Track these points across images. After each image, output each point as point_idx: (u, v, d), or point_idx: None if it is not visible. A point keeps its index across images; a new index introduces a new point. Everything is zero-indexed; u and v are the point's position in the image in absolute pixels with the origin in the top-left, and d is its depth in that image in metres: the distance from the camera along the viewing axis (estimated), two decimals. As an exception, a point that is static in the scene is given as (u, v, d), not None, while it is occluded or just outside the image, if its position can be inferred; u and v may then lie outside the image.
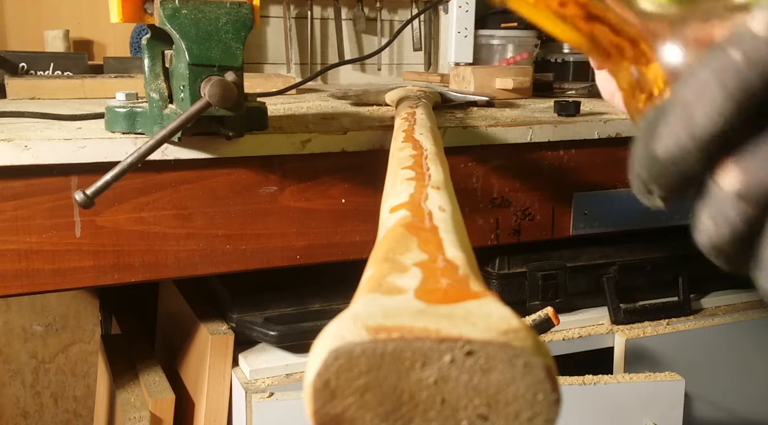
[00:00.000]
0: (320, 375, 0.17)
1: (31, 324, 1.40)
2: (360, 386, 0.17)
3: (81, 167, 0.67)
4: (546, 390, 0.17)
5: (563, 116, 0.92)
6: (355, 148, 0.77)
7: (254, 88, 1.11)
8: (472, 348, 0.17)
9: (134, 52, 1.33)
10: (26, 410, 1.43)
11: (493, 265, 0.95)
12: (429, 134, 0.52)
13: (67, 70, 1.16)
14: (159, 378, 1.04)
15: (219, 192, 0.73)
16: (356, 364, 0.17)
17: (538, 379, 0.17)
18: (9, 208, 0.66)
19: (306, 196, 0.76)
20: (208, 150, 0.71)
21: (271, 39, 1.44)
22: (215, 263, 0.74)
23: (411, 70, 1.55)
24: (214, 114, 0.62)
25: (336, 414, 0.17)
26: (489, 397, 0.17)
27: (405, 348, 0.17)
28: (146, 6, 0.65)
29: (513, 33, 1.44)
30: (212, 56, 0.62)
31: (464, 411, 0.17)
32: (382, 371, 0.17)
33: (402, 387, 0.17)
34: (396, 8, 1.53)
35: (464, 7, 1.42)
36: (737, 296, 1.09)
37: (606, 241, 0.99)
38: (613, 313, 0.98)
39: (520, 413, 0.17)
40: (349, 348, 0.17)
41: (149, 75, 0.69)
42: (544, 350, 0.17)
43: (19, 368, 1.41)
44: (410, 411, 0.17)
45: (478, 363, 0.17)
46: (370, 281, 0.21)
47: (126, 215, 0.70)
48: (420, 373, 0.17)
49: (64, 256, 0.68)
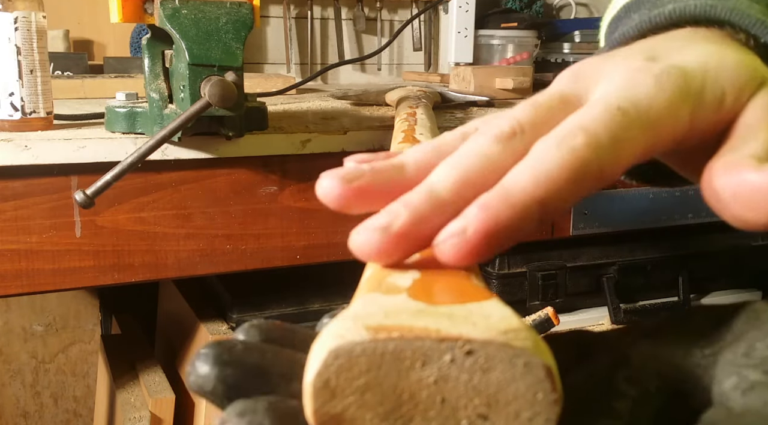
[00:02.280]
0: (320, 374, 0.17)
1: (31, 324, 1.40)
2: (360, 385, 0.17)
3: (81, 167, 0.67)
4: (546, 389, 0.17)
5: (563, 116, 0.91)
6: (355, 148, 0.77)
7: (254, 88, 1.11)
8: (472, 347, 0.17)
9: (134, 52, 1.33)
10: (26, 410, 1.43)
11: (493, 265, 0.95)
12: (429, 134, 0.52)
13: (67, 70, 1.16)
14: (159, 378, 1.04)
15: (219, 192, 0.73)
16: (356, 363, 0.17)
17: (538, 379, 0.17)
18: (9, 208, 0.66)
19: (306, 196, 0.76)
20: (208, 150, 0.71)
21: (271, 39, 1.44)
22: (215, 263, 0.74)
23: (411, 70, 1.55)
24: (214, 114, 0.62)
25: (336, 413, 0.17)
26: (489, 397, 0.17)
27: (405, 348, 0.17)
28: (146, 6, 0.65)
29: (513, 33, 1.44)
30: (212, 56, 0.62)
31: (464, 410, 0.17)
32: (382, 370, 0.17)
33: (402, 387, 0.17)
34: (396, 8, 1.53)
35: (464, 7, 1.42)
36: (737, 297, 1.09)
37: (606, 241, 0.99)
38: (613, 313, 0.98)
39: (520, 412, 0.17)
40: (349, 347, 0.17)
41: (149, 75, 0.69)
42: (544, 350, 0.17)
43: (19, 368, 1.41)
44: (410, 410, 0.17)
45: (478, 363, 0.17)
46: (370, 281, 0.21)
47: (126, 215, 0.70)
48: (420, 373, 0.17)
49: (64, 256, 0.68)
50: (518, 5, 1.56)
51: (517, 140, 0.24)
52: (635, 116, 0.23)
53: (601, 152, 0.22)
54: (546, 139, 0.23)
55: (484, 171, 0.23)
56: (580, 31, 1.49)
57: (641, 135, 0.23)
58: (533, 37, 1.45)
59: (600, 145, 0.22)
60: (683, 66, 0.25)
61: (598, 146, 0.22)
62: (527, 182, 0.21)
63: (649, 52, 0.27)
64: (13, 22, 0.66)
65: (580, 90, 0.26)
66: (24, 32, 0.66)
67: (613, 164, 0.23)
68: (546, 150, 0.22)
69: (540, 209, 0.21)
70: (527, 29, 1.44)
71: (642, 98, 0.24)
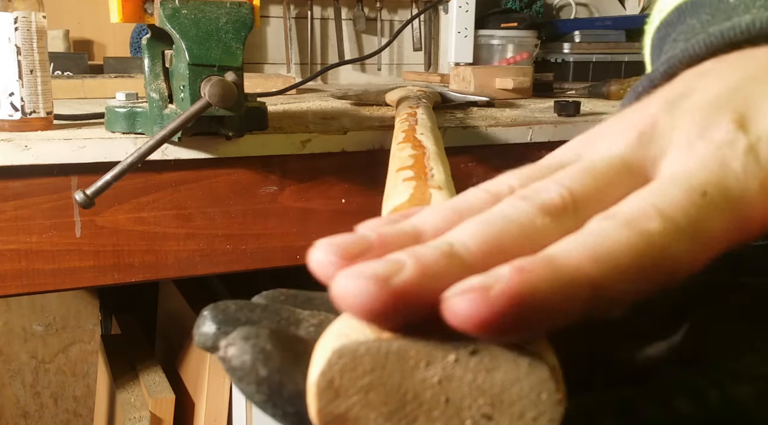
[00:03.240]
0: (324, 374, 0.17)
1: (31, 324, 1.40)
2: (364, 385, 0.17)
3: (81, 167, 0.67)
4: (550, 389, 0.17)
5: (563, 116, 0.92)
6: (355, 148, 0.77)
7: (254, 88, 1.11)
8: (476, 347, 0.17)
9: (134, 52, 1.33)
10: (26, 410, 1.43)
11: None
12: (430, 133, 0.52)
13: (67, 70, 1.16)
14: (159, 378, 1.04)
15: (219, 192, 0.73)
16: (360, 363, 0.17)
17: (542, 379, 0.17)
18: (9, 208, 0.66)
19: (306, 196, 0.76)
20: (208, 150, 0.71)
21: (271, 39, 1.44)
22: (215, 263, 0.74)
23: (411, 70, 1.55)
24: (214, 114, 0.62)
25: (340, 413, 0.17)
26: (493, 397, 0.17)
27: (409, 347, 0.17)
28: (146, 6, 0.65)
29: (513, 33, 1.44)
30: (212, 56, 0.62)
31: (468, 410, 0.17)
32: (387, 370, 0.17)
33: (406, 387, 0.17)
34: (396, 8, 1.53)
35: (464, 7, 1.42)
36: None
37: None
38: (613, 313, 0.98)
39: (525, 413, 0.17)
40: (354, 346, 0.17)
41: (149, 75, 0.69)
42: (548, 350, 0.17)
43: (19, 368, 1.41)
44: (414, 410, 0.17)
45: (482, 363, 0.17)
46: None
47: (126, 215, 0.70)
48: (424, 372, 0.17)
49: (64, 256, 0.68)
50: (518, 5, 1.56)
51: (569, 216, 0.20)
52: (723, 204, 0.20)
53: (680, 240, 0.19)
54: (609, 215, 0.19)
55: (523, 239, 0.19)
56: (580, 31, 1.49)
57: (731, 227, 0.20)
58: (533, 37, 1.45)
59: (680, 232, 0.19)
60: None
61: (677, 233, 0.19)
62: (581, 256, 0.17)
63: (735, 104, 0.22)
64: (13, 22, 0.66)
65: (647, 159, 0.22)
66: (24, 32, 0.66)
67: (692, 256, 0.19)
68: (611, 227, 0.18)
69: (590, 293, 0.17)
70: (527, 29, 1.44)
71: (732, 186, 0.20)
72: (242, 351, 0.18)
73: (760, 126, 0.21)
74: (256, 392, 0.18)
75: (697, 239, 0.19)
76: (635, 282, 0.18)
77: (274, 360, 0.18)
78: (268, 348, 0.18)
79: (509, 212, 0.19)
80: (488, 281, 0.16)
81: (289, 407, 0.18)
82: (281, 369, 0.18)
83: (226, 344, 0.18)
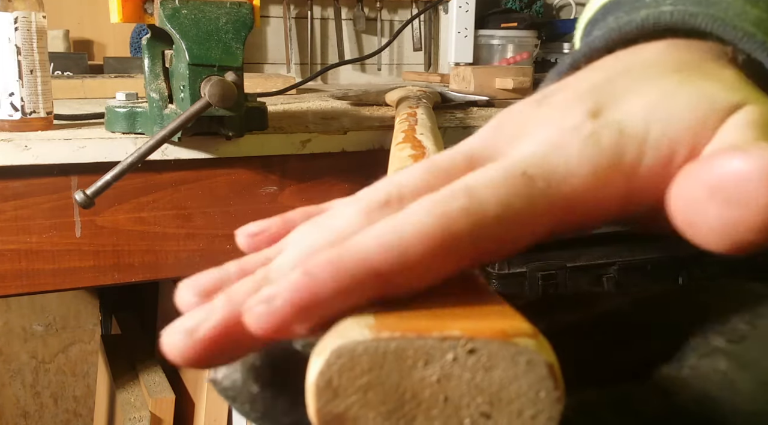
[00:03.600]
0: (323, 373, 0.17)
1: (31, 324, 1.40)
2: (362, 384, 0.17)
3: (81, 167, 0.67)
4: (548, 387, 0.17)
5: (563, 115, 0.91)
6: (355, 148, 0.77)
7: (254, 88, 1.11)
8: (474, 345, 0.17)
9: (134, 52, 1.33)
10: (26, 410, 1.43)
11: (493, 265, 0.95)
12: (430, 134, 0.52)
13: (67, 70, 1.16)
14: (159, 378, 1.04)
15: (219, 192, 0.73)
16: (359, 363, 0.17)
17: (540, 377, 0.17)
18: (9, 208, 0.66)
19: (306, 196, 0.76)
20: (208, 150, 0.71)
21: (271, 39, 1.44)
22: (215, 263, 0.74)
23: (411, 70, 1.55)
24: (214, 114, 0.62)
25: (339, 412, 0.17)
26: (491, 395, 0.17)
27: (407, 347, 0.17)
28: (146, 6, 0.65)
29: (513, 33, 1.44)
30: (212, 56, 0.62)
31: (467, 409, 0.17)
32: (385, 369, 0.17)
33: (405, 386, 0.17)
34: (396, 8, 1.53)
35: (464, 7, 1.42)
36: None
37: (606, 241, 0.99)
38: (613, 313, 0.98)
39: (523, 411, 0.17)
40: (352, 346, 0.17)
41: (149, 75, 0.69)
42: (546, 348, 0.17)
43: (19, 368, 1.41)
44: (413, 409, 0.17)
45: (480, 361, 0.17)
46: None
47: (126, 215, 0.70)
48: (422, 371, 0.17)
49: (64, 256, 0.68)
50: (518, 5, 1.56)
51: (391, 210, 0.19)
52: (543, 187, 0.19)
53: (480, 222, 0.18)
54: (422, 200, 0.19)
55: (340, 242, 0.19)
56: (580, 31, 1.49)
57: (547, 211, 0.19)
58: (533, 37, 1.45)
59: (482, 214, 0.18)
60: (622, 126, 0.20)
61: (477, 215, 0.18)
62: (368, 248, 0.17)
63: (598, 96, 0.21)
64: (13, 22, 0.66)
65: (494, 149, 0.21)
66: (24, 32, 0.66)
67: (496, 240, 0.18)
68: (412, 213, 0.18)
69: (377, 282, 0.17)
70: (527, 29, 1.44)
71: (558, 168, 0.19)
72: (232, 370, 0.18)
73: (611, 115, 0.20)
74: (251, 410, 0.18)
75: (505, 219, 0.18)
76: (428, 268, 0.18)
77: (265, 375, 0.18)
78: (258, 364, 0.18)
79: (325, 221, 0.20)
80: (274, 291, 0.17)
81: (285, 419, 0.18)
82: (273, 382, 0.18)
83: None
